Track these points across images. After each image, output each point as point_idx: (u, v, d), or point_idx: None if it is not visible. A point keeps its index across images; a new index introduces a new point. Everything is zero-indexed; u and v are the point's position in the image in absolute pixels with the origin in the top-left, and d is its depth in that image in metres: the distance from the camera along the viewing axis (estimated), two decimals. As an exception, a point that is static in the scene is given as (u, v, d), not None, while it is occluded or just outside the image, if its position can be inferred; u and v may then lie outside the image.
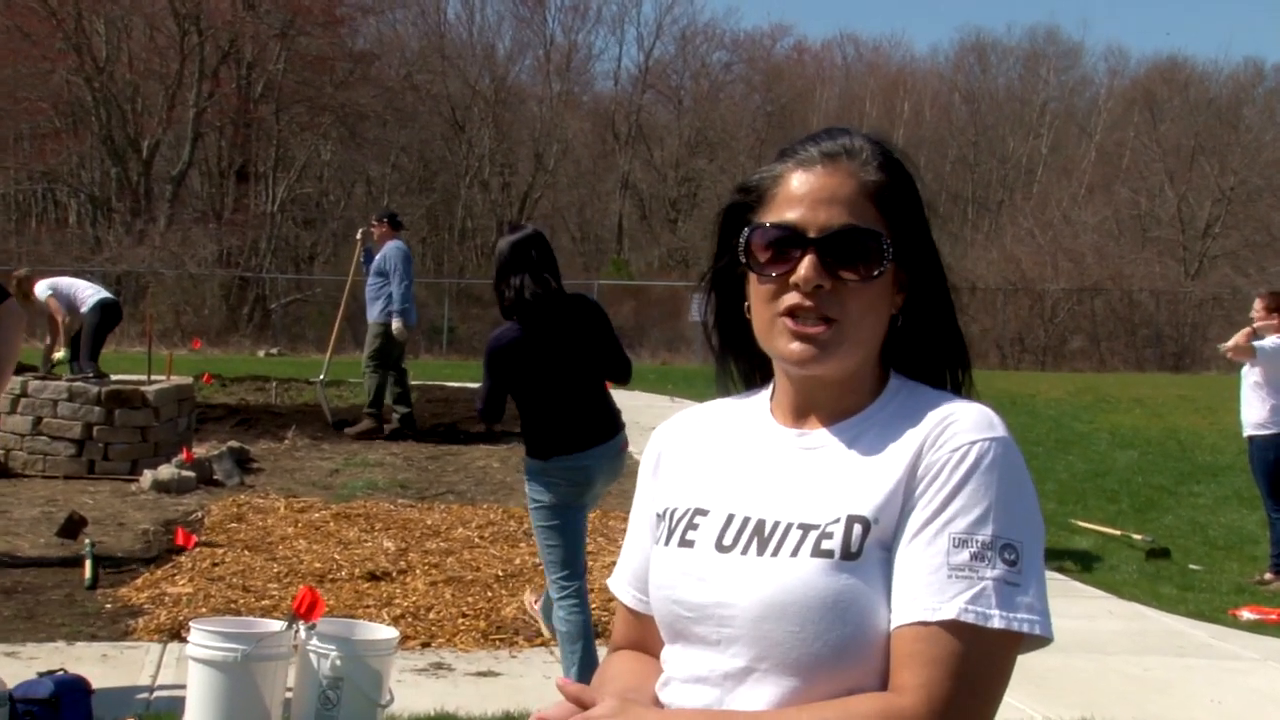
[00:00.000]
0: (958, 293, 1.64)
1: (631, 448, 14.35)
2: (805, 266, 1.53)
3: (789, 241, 1.55)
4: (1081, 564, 8.91)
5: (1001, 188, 50.34)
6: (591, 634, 5.33)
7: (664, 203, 49.38)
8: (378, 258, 12.83)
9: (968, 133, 51.35)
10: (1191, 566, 9.07)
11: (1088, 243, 38.91)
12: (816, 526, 1.50)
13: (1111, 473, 13.21)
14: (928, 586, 1.45)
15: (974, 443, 1.49)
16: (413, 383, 17.20)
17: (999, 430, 1.52)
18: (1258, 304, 8.78)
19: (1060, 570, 8.48)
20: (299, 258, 41.21)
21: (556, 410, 5.28)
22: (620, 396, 5.84)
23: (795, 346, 1.54)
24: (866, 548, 1.48)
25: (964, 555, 1.45)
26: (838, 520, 1.50)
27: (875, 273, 1.54)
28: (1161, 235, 43.51)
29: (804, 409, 1.62)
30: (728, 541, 1.56)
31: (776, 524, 1.53)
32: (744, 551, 1.54)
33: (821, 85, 54.19)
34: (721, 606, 1.53)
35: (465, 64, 47.24)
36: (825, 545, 1.48)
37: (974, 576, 1.44)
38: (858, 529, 1.49)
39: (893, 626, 1.46)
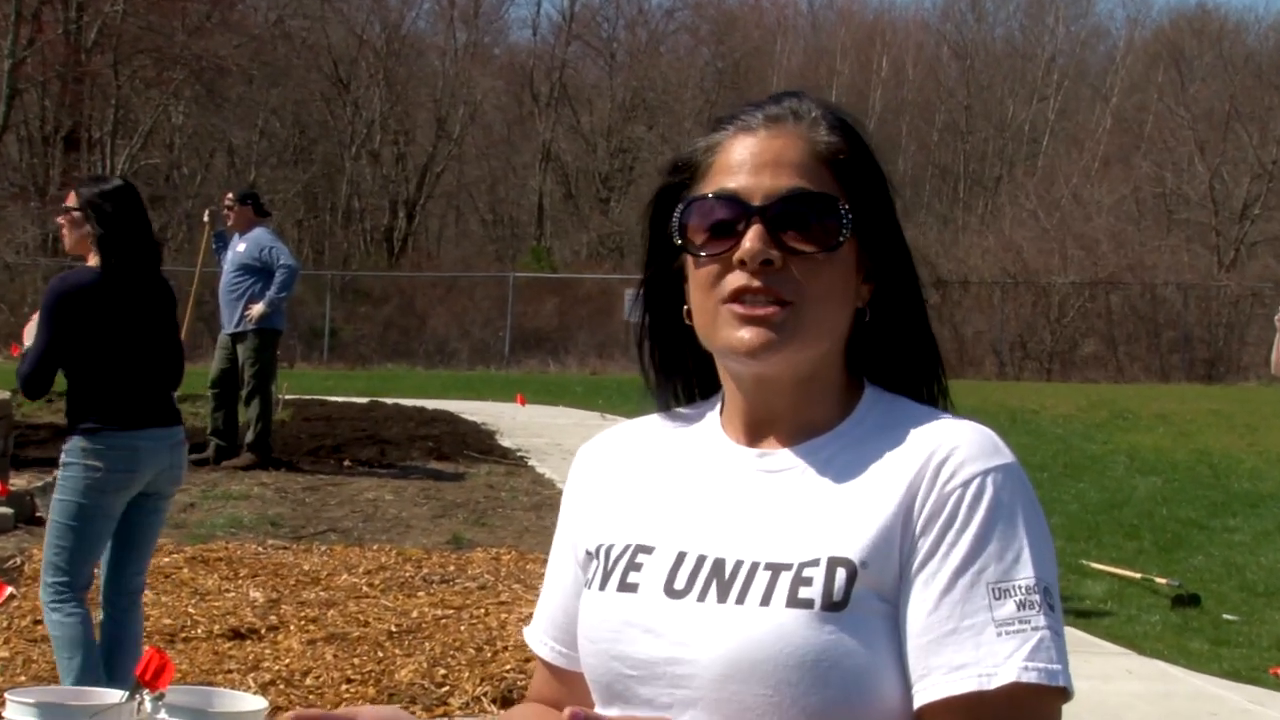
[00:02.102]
0: (926, 286, 1.68)
1: (554, 475, 14.19)
2: (750, 238, 1.55)
3: (730, 213, 1.57)
4: (1095, 613, 9.00)
5: (1000, 161, 50.86)
6: (93, 642, 5.62)
7: (593, 178, 49.43)
8: (245, 246, 12.62)
9: (959, 95, 51.82)
10: (1226, 616, 9.18)
11: (1102, 227, 39.36)
12: (789, 567, 1.51)
13: (1131, 503, 13.36)
14: (976, 650, 1.47)
15: (986, 473, 1.52)
16: (287, 397, 17.14)
17: (1007, 455, 1.55)
18: None
19: (1069, 621, 8.55)
20: (144, 244, 40.78)
21: (120, 377, 5.57)
22: (543, 414, 5.87)
23: (745, 334, 1.55)
24: (855, 597, 1.49)
25: (1008, 607, 1.48)
26: (816, 562, 1.50)
27: (833, 243, 1.56)
28: (1190, 218, 44.11)
29: (760, 424, 1.63)
30: (679, 585, 1.56)
31: (739, 564, 1.54)
32: (701, 597, 1.54)
33: (783, 37, 54.48)
34: (675, 664, 1.52)
35: (350, 7, 47.04)
36: (803, 593, 1.49)
37: (1026, 629, 1.47)
38: (842, 574, 1.49)
39: (927, 700, 1.47)
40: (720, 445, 1.66)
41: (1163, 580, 9.81)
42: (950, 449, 1.53)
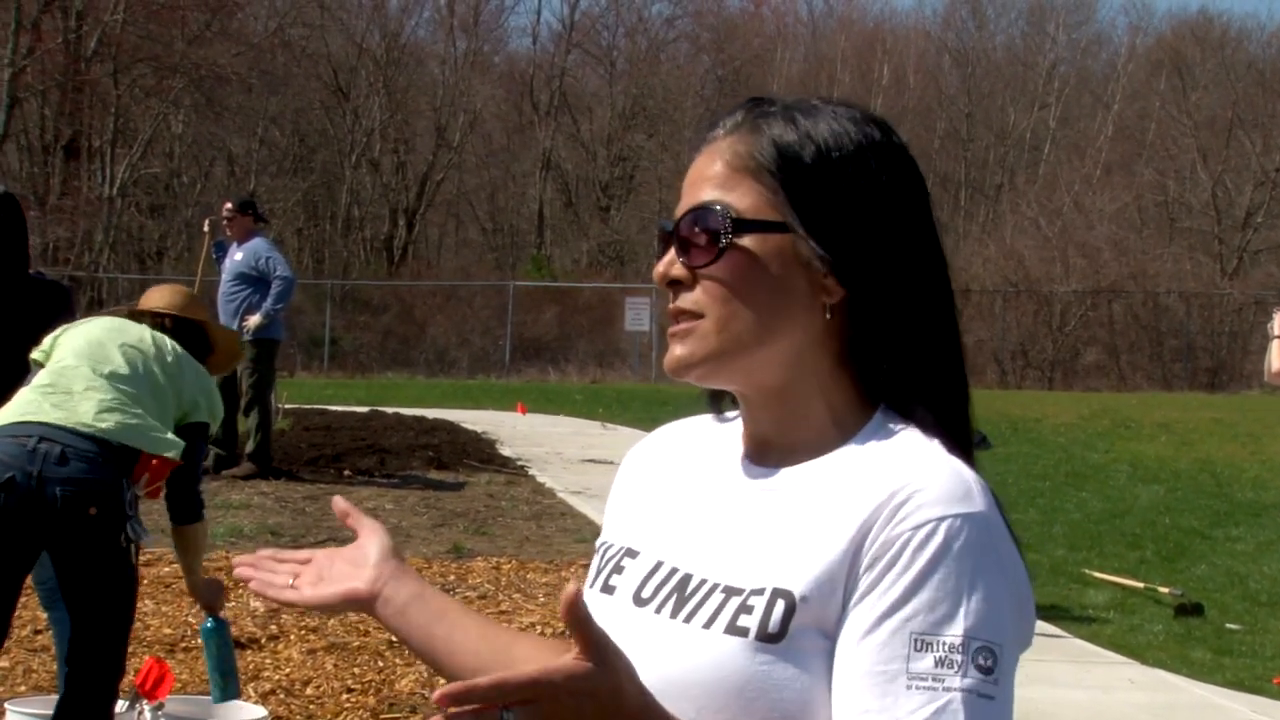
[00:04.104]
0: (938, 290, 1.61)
1: (554, 484, 14.16)
2: (661, 262, 1.58)
3: (662, 241, 1.60)
4: (1096, 623, 8.99)
5: (1000, 169, 50.89)
6: None
7: (594, 187, 49.47)
8: (242, 255, 12.65)
9: (960, 102, 51.86)
10: (1229, 626, 9.18)
11: (1104, 235, 39.40)
12: (740, 592, 1.48)
13: (1133, 513, 13.36)
14: (882, 698, 1.41)
15: (942, 519, 1.43)
16: (287, 406, 17.14)
17: (977, 503, 1.46)
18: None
19: (1071, 630, 8.56)
20: (144, 253, 40.84)
21: None
22: (544, 424, 5.85)
23: (669, 354, 1.57)
24: (793, 630, 1.45)
25: (926, 661, 1.40)
26: (762, 591, 1.47)
27: (717, 249, 1.53)
28: (1193, 226, 44.16)
29: (759, 441, 1.61)
30: (646, 594, 1.56)
31: (703, 582, 1.52)
32: (659, 609, 1.54)
33: (783, 44, 54.54)
34: None
35: (350, 16, 47.12)
36: (743, 620, 1.46)
37: (938, 689, 1.39)
38: (781, 606, 1.45)
39: None
40: (732, 458, 1.64)
41: (1165, 590, 9.81)
42: (913, 490, 1.45)
